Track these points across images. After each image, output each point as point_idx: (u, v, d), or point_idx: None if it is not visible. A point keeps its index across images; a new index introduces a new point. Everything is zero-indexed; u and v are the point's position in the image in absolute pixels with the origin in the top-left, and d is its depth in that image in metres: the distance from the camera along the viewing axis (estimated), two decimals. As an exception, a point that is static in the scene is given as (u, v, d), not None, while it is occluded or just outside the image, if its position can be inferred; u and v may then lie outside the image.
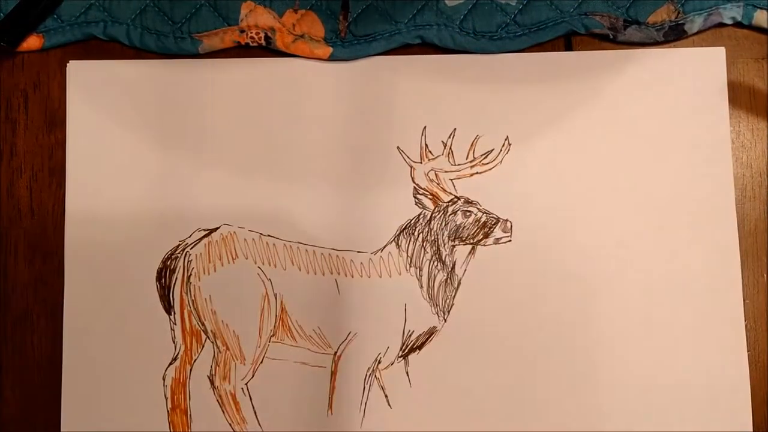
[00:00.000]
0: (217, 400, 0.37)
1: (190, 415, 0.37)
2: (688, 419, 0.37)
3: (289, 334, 0.38)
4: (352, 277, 0.38)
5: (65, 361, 0.38)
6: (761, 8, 0.38)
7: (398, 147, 0.38)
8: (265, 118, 0.39)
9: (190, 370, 0.38)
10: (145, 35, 0.39)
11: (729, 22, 0.39)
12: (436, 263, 0.38)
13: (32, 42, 0.39)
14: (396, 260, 0.38)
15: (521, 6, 0.39)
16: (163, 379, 0.37)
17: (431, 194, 0.38)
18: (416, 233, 0.38)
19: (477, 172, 0.38)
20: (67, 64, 0.39)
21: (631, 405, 0.37)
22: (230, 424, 0.37)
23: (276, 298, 0.38)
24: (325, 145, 0.38)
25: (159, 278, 0.38)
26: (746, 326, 0.37)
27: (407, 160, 0.38)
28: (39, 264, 0.38)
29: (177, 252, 0.38)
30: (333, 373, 0.38)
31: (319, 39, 0.39)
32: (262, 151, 0.39)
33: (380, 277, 0.38)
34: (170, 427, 0.37)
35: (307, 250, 0.38)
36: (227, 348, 0.38)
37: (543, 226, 0.38)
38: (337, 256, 0.38)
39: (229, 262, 0.38)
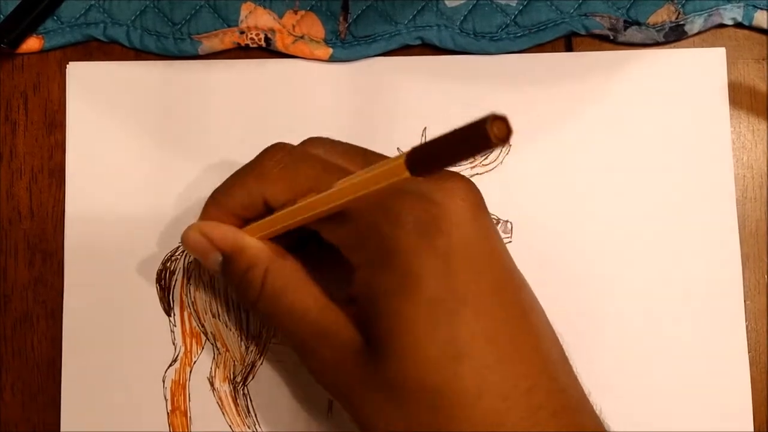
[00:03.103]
0: (217, 402, 0.37)
1: (190, 417, 0.37)
2: (689, 419, 0.37)
3: (289, 336, 0.38)
4: (353, 278, 0.38)
5: (65, 363, 0.37)
6: (761, 9, 0.38)
7: (398, 148, 0.38)
8: (265, 119, 0.39)
9: (190, 371, 0.38)
10: (144, 36, 0.39)
11: (729, 22, 0.39)
12: (436, 264, 0.38)
13: (32, 43, 0.39)
14: (396, 261, 0.38)
15: (521, 7, 0.39)
16: (163, 381, 0.37)
17: (431, 195, 0.38)
18: (416, 234, 0.38)
19: (477, 173, 0.38)
20: (67, 66, 0.39)
21: (631, 405, 0.37)
22: (230, 426, 0.37)
23: (276, 299, 0.38)
24: (325, 146, 0.38)
25: (159, 280, 0.38)
26: (747, 327, 0.37)
27: (407, 161, 0.38)
28: (39, 265, 0.38)
29: (177, 254, 0.38)
30: (333, 375, 0.37)
31: (319, 40, 0.39)
32: (262, 153, 0.38)
33: (380, 278, 0.38)
34: (170, 428, 0.37)
35: (307, 252, 0.38)
36: (227, 350, 0.38)
37: (543, 227, 0.38)
38: (338, 257, 0.38)
39: (229, 264, 0.38)
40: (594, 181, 0.38)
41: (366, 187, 0.27)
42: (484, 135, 0.22)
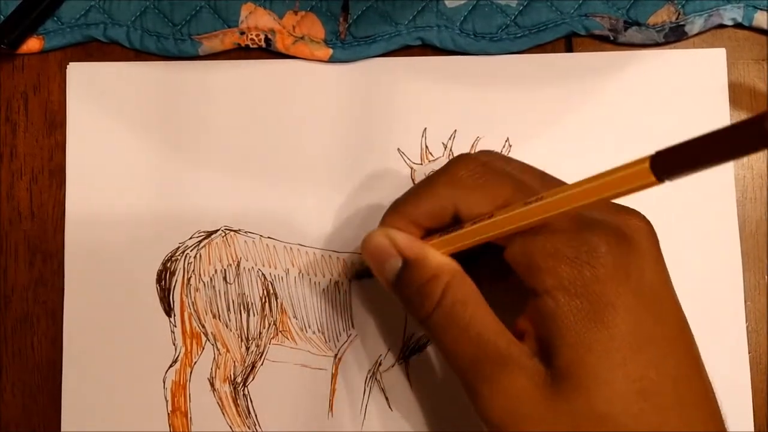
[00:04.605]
0: (218, 402, 0.37)
1: (191, 418, 0.37)
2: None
3: (289, 337, 0.38)
4: (353, 278, 0.38)
5: (65, 363, 0.38)
6: (762, 9, 0.38)
7: (398, 149, 0.38)
8: (265, 119, 0.39)
9: (191, 372, 0.38)
10: (145, 37, 0.39)
11: (729, 23, 0.39)
12: (436, 265, 0.38)
13: (32, 44, 0.39)
14: (396, 262, 0.38)
15: (521, 7, 0.39)
16: (164, 382, 0.37)
17: (432, 196, 0.38)
18: (417, 235, 0.38)
19: (477, 174, 0.38)
20: (67, 66, 0.39)
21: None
22: (230, 426, 0.37)
23: (276, 300, 0.38)
24: (325, 146, 0.38)
25: (159, 280, 0.38)
26: (747, 328, 0.37)
27: (408, 161, 0.38)
28: (39, 266, 0.38)
29: (177, 254, 0.38)
30: (333, 376, 0.38)
31: (320, 41, 0.39)
32: (263, 153, 0.38)
33: (381, 278, 0.38)
34: (171, 429, 0.37)
35: (307, 252, 0.38)
36: (227, 350, 0.38)
37: (543, 227, 0.38)
38: (338, 257, 0.38)
39: (229, 264, 0.38)
40: (594, 182, 0.38)
41: (601, 193, 0.25)
42: (762, 133, 0.20)
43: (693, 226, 0.38)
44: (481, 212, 0.29)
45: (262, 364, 0.38)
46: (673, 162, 0.23)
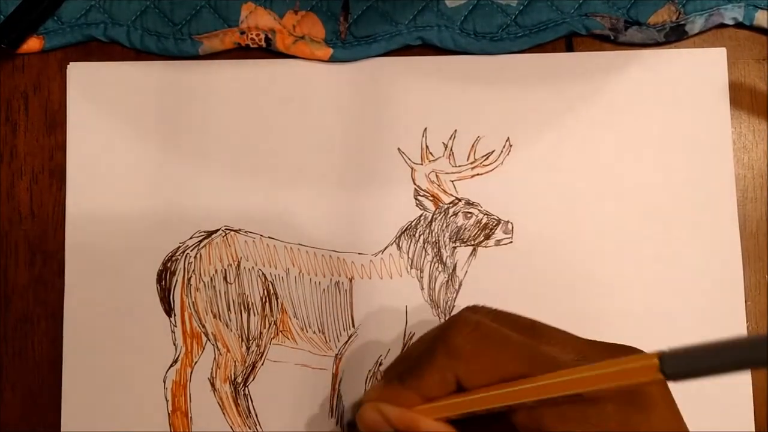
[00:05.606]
0: (218, 402, 0.37)
1: (191, 417, 0.37)
2: (690, 419, 0.37)
3: (289, 336, 0.38)
4: (353, 278, 0.38)
5: (65, 363, 0.37)
6: (762, 9, 0.38)
7: (399, 148, 0.38)
8: (265, 119, 0.39)
9: (191, 372, 0.38)
10: (145, 37, 0.39)
11: (730, 22, 0.39)
12: (437, 265, 0.38)
13: (32, 44, 0.39)
14: (397, 262, 0.38)
15: (522, 7, 0.39)
16: (164, 381, 0.37)
17: (432, 196, 0.38)
18: (417, 235, 0.38)
19: (478, 174, 0.38)
20: (68, 66, 0.39)
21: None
22: (231, 426, 0.37)
23: (277, 299, 0.38)
24: (325, 146, 0.38)
25: (159, 280, 0.38)
26: (748, 328, 0.37)
27: (408, 161, 0.38)
28: (39, 266, 0.38)
29: (177, 254, 0.38)
30: (334, 375, 0.38)
31: (320, 40, 0.39)
32: (263, 153, 0.38)
33: (381, 278, 0.38)
34: (171, 429, 0.37)
35: (307, 252, 0.38)
36: (228, 350, 0.38)
37: (544, 227, 0.38)
38: (338, 257, 0.38)
39: (229, 264, 0.38)
40: (594, 182, 0.38)
41: (604, 383, 0.25)
42: None
43: (693, 225, 0.38)
44: (481, 383, 0.29)
45: (262, 364, 0.38)
46: (685, 363, 0.24)
